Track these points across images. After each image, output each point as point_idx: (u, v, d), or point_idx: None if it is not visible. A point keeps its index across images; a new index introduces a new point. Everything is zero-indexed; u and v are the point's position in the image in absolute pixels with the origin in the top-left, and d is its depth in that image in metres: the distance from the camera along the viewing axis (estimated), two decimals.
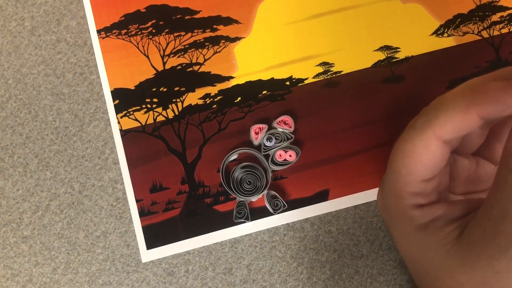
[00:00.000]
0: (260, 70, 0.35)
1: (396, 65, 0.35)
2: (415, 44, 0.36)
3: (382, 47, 0.36)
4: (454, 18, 0.36)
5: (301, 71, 0.35)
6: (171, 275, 0.33)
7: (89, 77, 0.35)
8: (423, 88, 0.35)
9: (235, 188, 0.33)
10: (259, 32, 0.36)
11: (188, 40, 0.36)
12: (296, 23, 0.36)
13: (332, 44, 0.36)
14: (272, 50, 0.36)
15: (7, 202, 0.34)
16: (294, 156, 0.33)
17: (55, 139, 0.34)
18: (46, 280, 0.33)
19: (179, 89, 0.35)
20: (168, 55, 0.35)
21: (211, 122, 0.35)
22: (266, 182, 0.33)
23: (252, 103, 0.35)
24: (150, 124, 0.34)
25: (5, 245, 0.33)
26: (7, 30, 0.36)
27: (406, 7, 0.36)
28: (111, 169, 0.34)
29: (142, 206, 0.33)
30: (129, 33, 0.36)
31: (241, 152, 0.34)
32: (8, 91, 0.35)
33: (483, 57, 0.36)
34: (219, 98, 0.35)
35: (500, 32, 0.36)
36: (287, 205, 0.33)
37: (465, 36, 0.36)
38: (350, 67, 0.35)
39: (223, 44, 0.36)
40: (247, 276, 0.33)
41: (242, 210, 0.33)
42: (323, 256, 0.33)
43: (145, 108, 0.35)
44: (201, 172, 0.34)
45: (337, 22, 0.36)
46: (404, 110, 0.35)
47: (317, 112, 0.35)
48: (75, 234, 0.33)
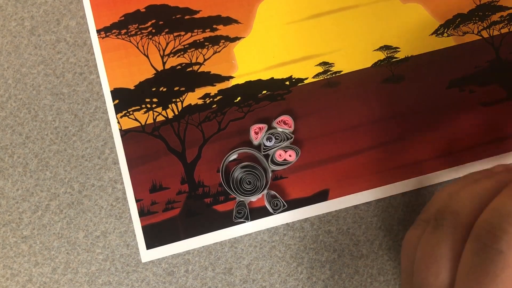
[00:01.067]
0: (260, 70, 0.35)
1: (396, 65, 0.35)
2: (415, 44, 0.36)
3: (382, 47, 0.36)
4: (454, 18, 0.36)
5: (301, 71, 0.35)
6: (171, 275, 0.33)
7: (89, 77, 0.35)
8: (422, 88, 0.35)
9: (235, 188, 0.33)
10: (259, 32, 0.36)
11: (188, 40, 0.36)
12: (296, 23, 0.36)
13: (331, 44, 0.36)
14: (272, 50, 0.36)
15: (7, 202, 0.34)
16: (294, 156, 0.33)
17: (55, 139, 0.34)
18: (46, 280, 0.33)
19: (179, 89, 0.35)
20: (168, 55, 0.35)
21: (211, 122, 0.35)
22: (266, 182, 0.33)
23: (252, 103, 0.35)
24: (150, 124, 0.34)
25: (5, 245, 0.33)
26: (7, 30, 0.36)
27: (406, 7, 0.36)
28: (111, 169, 0.34)
29: (142, 206, 0.33)
30: (129, 33, 0.36)
31: (241, 152, 0.33)
32: (8, 91, 0.35)
33: (483, 57, 0.36)
34: (219, 98, 0.35)
35: (500, 32, 0.36)
36: (287, 205, 0.33)
37: (465, 36, 0.36)
38: (350, 67, 0.35)
39: (223, 44, 0.36)
40: (247, 276, 0.33)
41: (242, 210, 0.33)
42: (323, 256, 0.33)
43: (145, 108, 0.35)
44: (201, 172, 0.34)
45: (337, 22, 0.36)
46: (404, 109, 0.35)
47: (316, 112, 0.35)
48: (75, 234, 0.33)
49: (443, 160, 0.34)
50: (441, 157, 0.34)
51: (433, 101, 0.35)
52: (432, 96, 0.35)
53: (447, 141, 0.34)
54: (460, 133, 0.34)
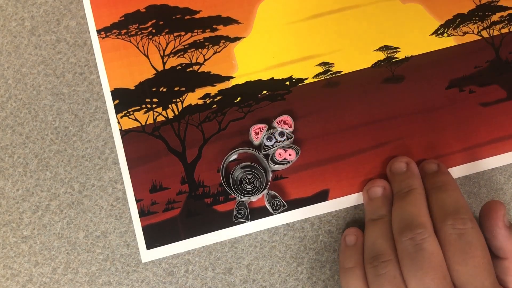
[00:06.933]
0: (260, 70, 0.35)
1: (396, 65, 0.35)
2: (415, 44, 0.36)
3: (382, 47, 0.36)
4: (454, 18, 0.36)
5: (301, 71, 0.35)
6: (171, 275, 0.33)
7: (89, 77, 0.35)
8: (423, 88, 0.35)
9: (235, 188, 0.33)
10: (259, 32, 0.36)
11: (188, 40, 0.36)
12: (296, 23, 0.36)
13: (332, 44, 0.36)
14: (272, 50, 0.36)
15: (7, 202, 0.34)
16: (294, 155, 0.33)
17: (55, 139, 0.34)
18: (46, 280, 0.33)
19: (179, 89, 0.35)
20: (168, 55, 0.35)
21: (211, 122, 0.35)
22: (266, 182, 0.33)
23: (252, 103, 0.35)
24: (150, 124, 0.34)
25: (5, 245, 0.33)
26: (7, 30, 0.36)
27: (406, 7, 0.36)
28: (111, 169, 0.34)
29: (142, 206, 0.33)
30: (129, 33, 0.36)
31: (241, 152, 0.34)
32: (8, 91, 0.35)
33: (483, 57, 0.36)
34: (219, 98, 0.35)
35: (500, 32, 0.36)
36: (287, 205, 0.33)
37: (465, 36, 0.36)
38: (350, 67, 0.35)
39: (223, 44, 0.36)
40: (247, 276, 0.33)
41: (242, 210, 0.33)
42: (323, 256, 0.33)
43: (145, 108, 0.35)
44: (201, 172, 0.34)
45: (337, 22, 0.36)
46: (404, 110, 0.35)
47: (317, 112, 0.35)
48: (75, 234, 0.33)
49: (442, 160, 0.34)
50: (441, 157, 0.34)
51: (433, 101, 0.35)
52: (432, 96, 0.35)
53: (446, 142, 0.34)
54: (460, 134, 0.34)
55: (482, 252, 0.27)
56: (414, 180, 0.31)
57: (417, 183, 0.31)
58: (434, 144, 0.34)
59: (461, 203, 0.29)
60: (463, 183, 0.34)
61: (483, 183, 0.34)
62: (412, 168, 0.32)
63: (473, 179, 0.34)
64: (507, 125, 0.35)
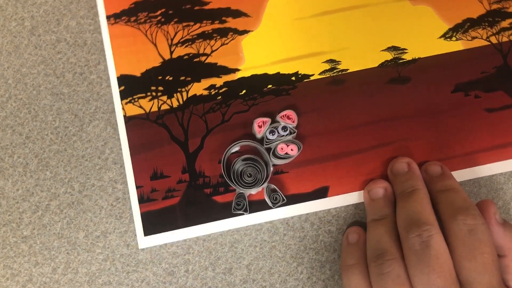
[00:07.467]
0: (267, 64, 0.35)
1: (402, 66, 0.35)
2: (423, 46, 0.36)
3: (390, 47, 0.36)
4: (463, 22, 0.36)
5: (308, 67, 0.35)
6: (171, 275, 0.33)
7: (89, 77, 0.35)
8: (428, 91, 0.35)
9: (236, 180, 0.33)
10: (268, 26, 0.36)
11: (196, 30, 0.36)
12: (305, 19, 0.36)
13: (339, 42, 0.36)
14: (280, 45, 0.36)
15: (7, 202, 0.34)
16: (295, 150, 0.33)
17: (55, 139, 0.34)
18: (46, 280, 0.33)
19: (184, 79, 0.35)
20: (176, 45, 0.35)
21: (215, 113, 0.35)
22: (266, 175, 0.33)
23: (256, 97, 0.35)
24: (154, 111, 0.35)
25: (5, 245, 0.33)
26: (7, 30, 0.36)
27: (416, 9, 0.36)
28: (111, 169, 0.34)
29: (141, 193, 0.34)
30: (138, 21, 0.36)
31: (243, 145, 0.34)
32: (8, 91, 0.35)
33: (491, 63, 0.35)
34: (224, 90, 0.35)
35: (509, 39, 0.36)
36: (286, 199, 0.33)
37: (474, 40, 0.36)
38: (356, 65, 0.35)
39: (231, 36, 0.36)
40: (247, 276, 0.33)
41: (241, 202, 0.33)
42: (323, 256, 0.33)
43: (150, 96, 0.35)
44: (202, 162, 0.34)
45: (346, 20, 0.36)
46: (408, 111, 0.35)
47: (321, 108, 0.35)
48: (75, 234, 0.33)
49: (444, 164, 0.34)
50: (442, 160, 0.34)
51: (438, 104, 0.35)
52: (437, 99, 0.35)
53: (449, 145, 0.34)
54: (463, 138, 0.34)
55: (491, 250, 0.27)
56: (417, 180, 0.31)
57: (420, 184, 0.31)
58: (437, 147, 0.34)
59: (470, 202, 0.29)
60: (463, 183, 0.34)
61: (483, 183, 0.34)
62: (414, 169, 0.32)
63: (473, 179, 0.34)
64: (511, 132, 0.35)
